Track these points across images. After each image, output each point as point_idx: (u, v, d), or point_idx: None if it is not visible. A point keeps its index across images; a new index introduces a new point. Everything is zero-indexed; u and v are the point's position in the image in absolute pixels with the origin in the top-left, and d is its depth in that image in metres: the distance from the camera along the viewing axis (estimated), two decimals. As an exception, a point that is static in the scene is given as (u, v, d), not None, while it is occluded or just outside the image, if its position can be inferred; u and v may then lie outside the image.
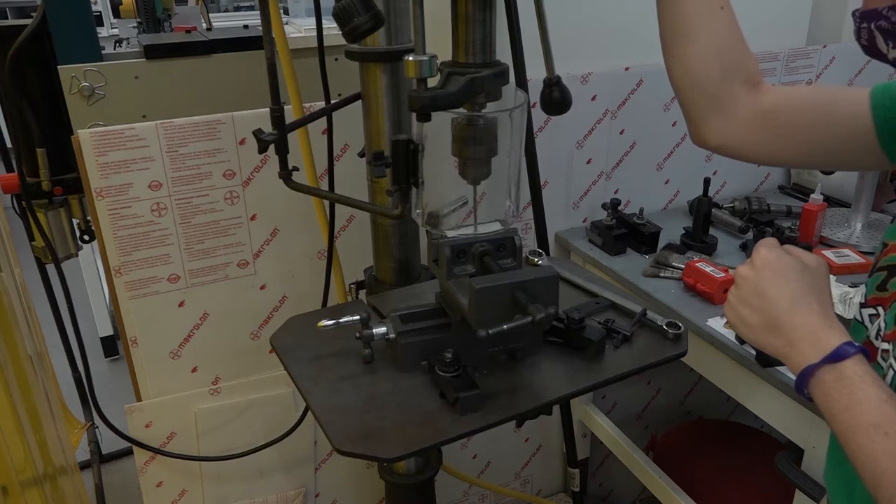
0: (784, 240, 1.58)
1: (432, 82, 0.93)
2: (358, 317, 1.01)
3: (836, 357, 0.69)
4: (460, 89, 0.91)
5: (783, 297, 0.76)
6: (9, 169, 2.21)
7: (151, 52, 1.95)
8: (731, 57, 0.96)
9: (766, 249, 0.81)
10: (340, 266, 1.46)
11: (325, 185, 1.50)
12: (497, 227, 1.03)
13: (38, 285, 2.24)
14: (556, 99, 1.07)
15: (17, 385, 1.23)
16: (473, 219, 1.02)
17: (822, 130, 0.91)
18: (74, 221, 1.84)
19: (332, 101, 1.35)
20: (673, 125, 1.84)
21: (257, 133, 1.12)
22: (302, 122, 1.25)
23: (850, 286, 1.42)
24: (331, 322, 1.03)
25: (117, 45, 2.37)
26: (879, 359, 0.79)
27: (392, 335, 1.01)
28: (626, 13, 1.74)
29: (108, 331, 3.17)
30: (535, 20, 1.06)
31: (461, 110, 0.96)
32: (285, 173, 1.17)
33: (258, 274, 1.53)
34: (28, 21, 1.69)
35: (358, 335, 1.02)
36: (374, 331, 1.01)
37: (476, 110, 0.97)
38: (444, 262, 0.98)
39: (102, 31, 3.38)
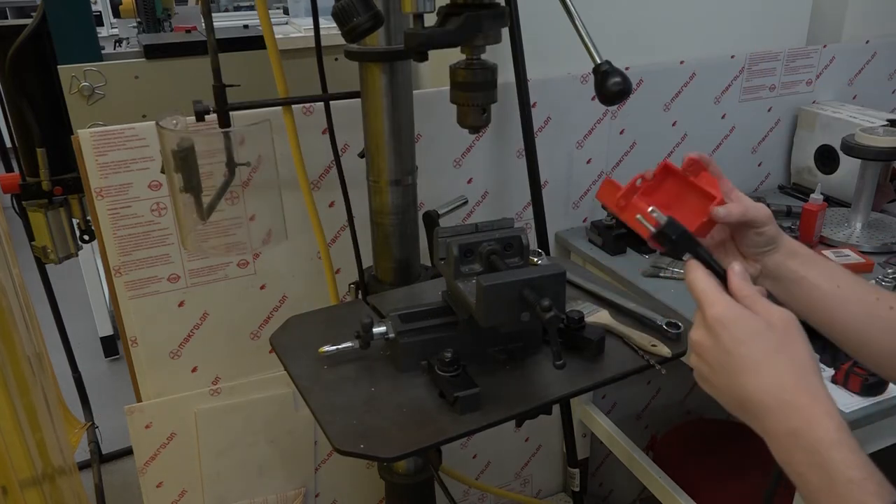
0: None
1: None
2: (357, 344, 1.03)
3: None
4: (458, 28, 0.91)
5: (751, 376, 0.64)
6: (9, 169, 2.21)
7: (151, 52, 1.95)
8: None
9: (721, 309, 0.67)
10: (332, 268, 1.47)
11: (323, 187, 1.51)
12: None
13: (37, 285, 2.24)
14: (616, 84, 0.96)
15: (16, 386, 1.23)
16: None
17: None
18: (74, 221, 1.84)
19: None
20: (673, 125, 1.84)
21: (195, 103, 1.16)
22: (246, 106, 1.26)
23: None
24: (332, 348, 1.04)
25: (117, 45, 2.37)
26: None
27: (392, 335, 1.01)
28: (627, 13, 1.74)
29: (108, 331, 3.17)
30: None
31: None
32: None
33: (258, 274, 1.53)
34: (28, 21, 1.69)
35: (357, 335, 1.02)
36: (373, 330, 1.01)
37: (475, 54, 0.96)
38: (452, 260, 0.98)
39: (102, 31, 3.38)
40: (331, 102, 1.36)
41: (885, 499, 0.56)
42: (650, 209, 0.79)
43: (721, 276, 0.72)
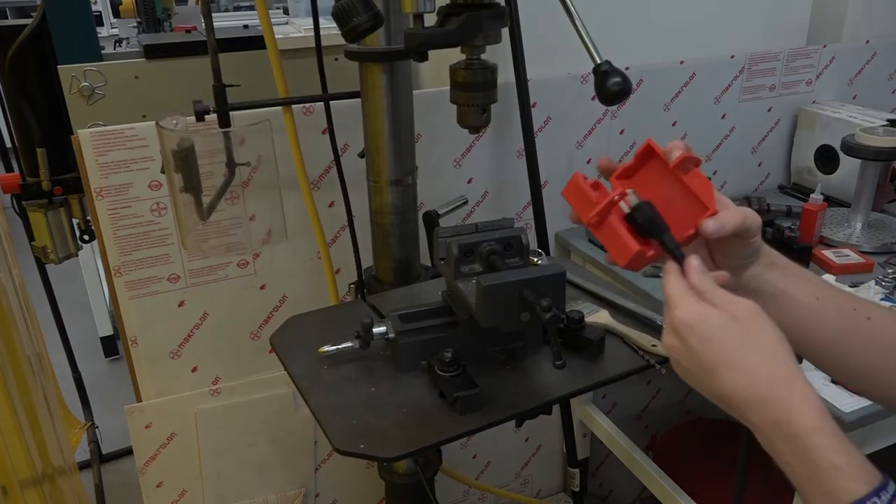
0: (784, 240, 1.58)
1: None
2: (357, 344, 1.02)
3: None
4: (458, 28, 0.91)
5: (724, 374, 0.64)
6: (9, 169, 2.21)
7: (151, 52, 1.95)
8: None
9: (685, 310, 0.67)
10: (332, 268, 1.47)
11: (323, 187, 1.51)
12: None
13: (37, 285, 2.24)
14: (616, 84, 0.95)
15: (16, 386, 1.23)
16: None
17: None
18: (74, 221, 1.84)
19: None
20: (673, 125, 1.84)
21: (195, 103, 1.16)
22: (246, 106, 1.26)
23: (850, 286, 1.42)
24: (332, 348, 1.04)
25: (117, 45, 2.37)
26: None
27: (392, 335, 1.01)
28: (627, 13, 1.74)
29: (108, 331, 3.17)
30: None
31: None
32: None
33: (258, 274, 1.53)
34: (28, 21, 1.69)
35: (357, 335, 1.02)
36: (373, 330, 1.01)
37: (475, 54, 0.96)
38: (452, 260, 0.98)
39: (102, 31, 3.38)
40: (331, 102, 1.37)
41: (871, 483, 0.56)
42: (628, 191, 0.73)
43: (679, 259, 0.71)
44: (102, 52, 1.91)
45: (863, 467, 0.57)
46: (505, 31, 1.05)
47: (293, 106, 1.34)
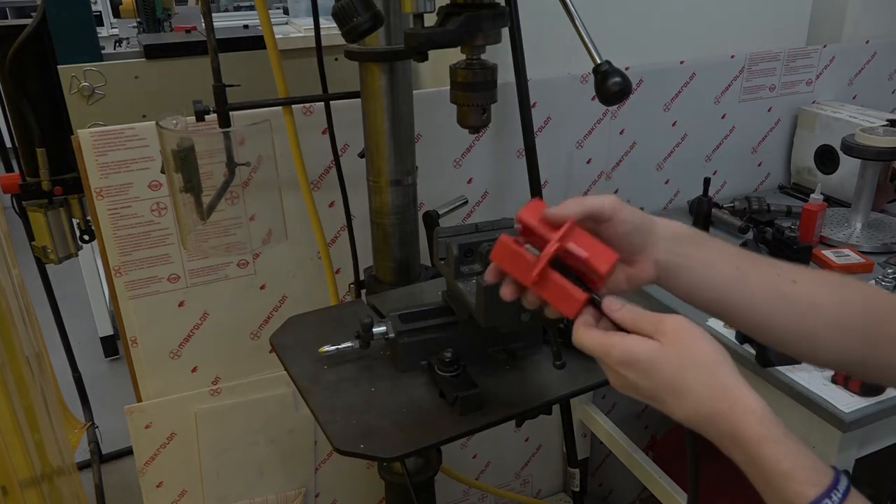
0: (784, 240, 1.58)
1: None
2: (357, 344, 1.02)
3: None
4: (458, 27, 0.91)
5: (671, 401, 0.65)
6: (9, 169, 2.21)
7: (151, 52, 1.95)
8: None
9: (617, 349, 0.66)
10: (332, 268, 1.47)
11: (323, 187, 1.51)
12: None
13: (37, 285, 2.24)
14: (616, 84, 0.96)
15: (15, 386, 1.23)
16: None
17: None
18: (74, 221, 1.84)
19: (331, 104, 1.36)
20: (673, 125, 1.84)
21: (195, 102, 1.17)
22: (246, 106, 1.26)
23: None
24: (332, 348, 1.04)
25: (117, 45, 2.37)
26: None
27: (391, 335, 1.02)
28: (627, 13, 1.74)
29: (108, 331, 3.17)
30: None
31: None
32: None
33: (258, 274, 1.53)
34: (28, 21, 1.69)
35: (357, 335, 1.02)
36: (373, 330, 1.01)
37: (475, 54, 0.96)
38: (452, 260, 0.98)
39: (102, 31, 3.37)
40: (331, 102, 1.37)
41: (821, 484, 0.57)
42: (526, 246, 0.71)
43: (598, 303, 0.69)
44: (102, 52, 1.90)
45: (813, 468, 0.58)
46: (505, 31, 1.05)
47: (293, 106, 1.34)
